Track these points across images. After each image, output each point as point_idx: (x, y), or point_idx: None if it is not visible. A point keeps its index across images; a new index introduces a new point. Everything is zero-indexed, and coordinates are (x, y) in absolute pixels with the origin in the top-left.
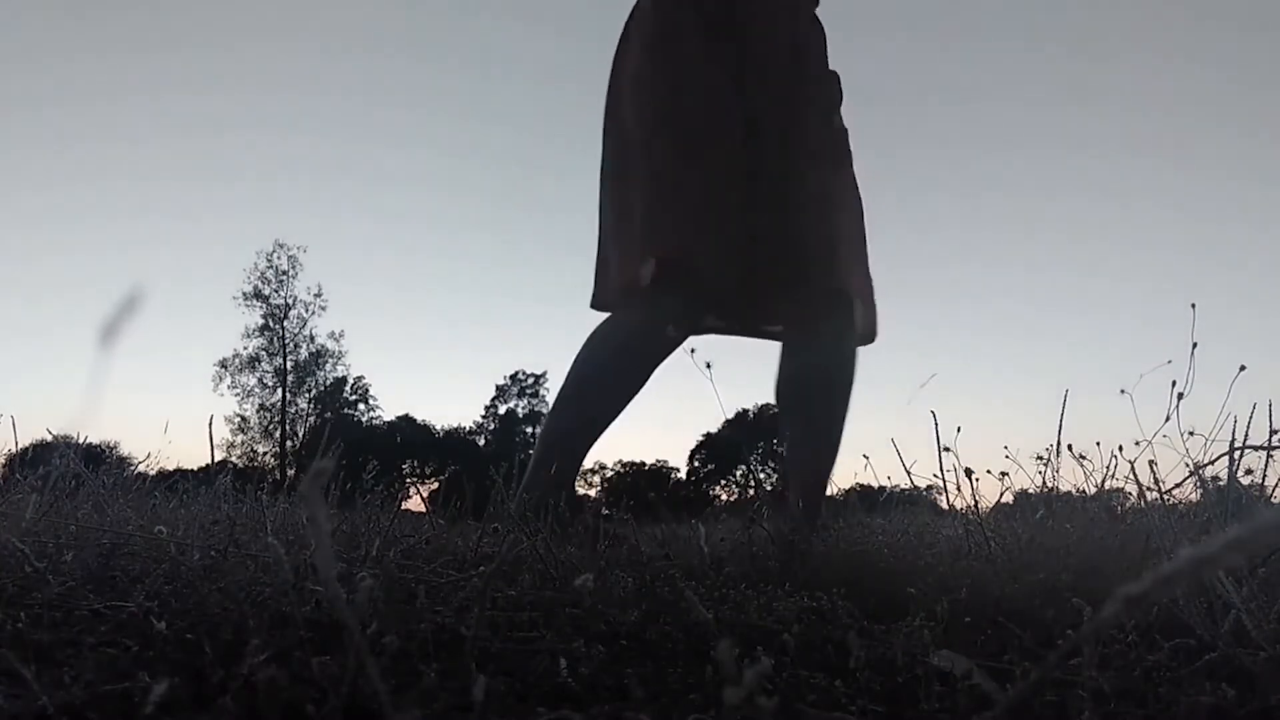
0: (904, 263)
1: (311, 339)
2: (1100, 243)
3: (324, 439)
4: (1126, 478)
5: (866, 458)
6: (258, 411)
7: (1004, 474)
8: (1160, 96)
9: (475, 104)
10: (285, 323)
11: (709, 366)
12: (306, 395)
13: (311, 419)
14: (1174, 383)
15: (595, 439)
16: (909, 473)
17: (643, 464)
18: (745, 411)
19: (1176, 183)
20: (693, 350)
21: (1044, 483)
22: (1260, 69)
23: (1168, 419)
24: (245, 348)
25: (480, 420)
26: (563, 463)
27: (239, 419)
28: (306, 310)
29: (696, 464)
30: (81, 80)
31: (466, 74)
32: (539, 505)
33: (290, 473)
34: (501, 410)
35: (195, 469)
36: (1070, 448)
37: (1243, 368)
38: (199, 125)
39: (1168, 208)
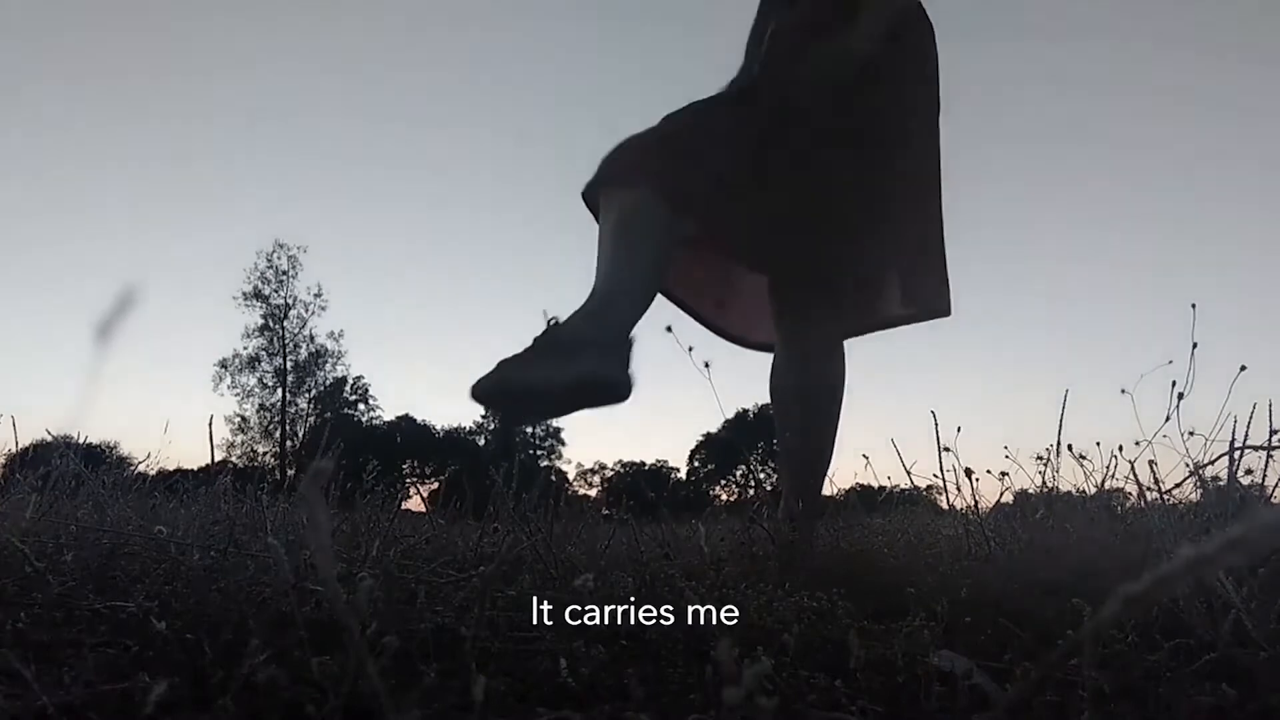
0: None
1: (311, 339)
2: (1100, 242)
3: (324, 439)
4: (1126, 478)
5: (866, 458)
6: (258, 411)
7: (1004, 474)
8: (1160, 92)
9: (476, 103)
10: (285, 323)
11: (707, 366)
12: (306, 395)
13: (311, 419)
14: (1174, 383)
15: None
16: (909, 473)
17: (643, 464)
18: (745, 411)
19: (1178, 182)
20: (690, 349)
21: (1044, 483)
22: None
23: (1168, 419)
24: (245, 348)
25: (480, 420)
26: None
27: (239, 419)
28: (306, 310)
29: (696, 464)
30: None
31: (468, 73)
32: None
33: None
34: None
35: (195, 469)
36: (1070, 448)
37: (1243, 368)
38: (199, 123)
39: (1168, 207)
